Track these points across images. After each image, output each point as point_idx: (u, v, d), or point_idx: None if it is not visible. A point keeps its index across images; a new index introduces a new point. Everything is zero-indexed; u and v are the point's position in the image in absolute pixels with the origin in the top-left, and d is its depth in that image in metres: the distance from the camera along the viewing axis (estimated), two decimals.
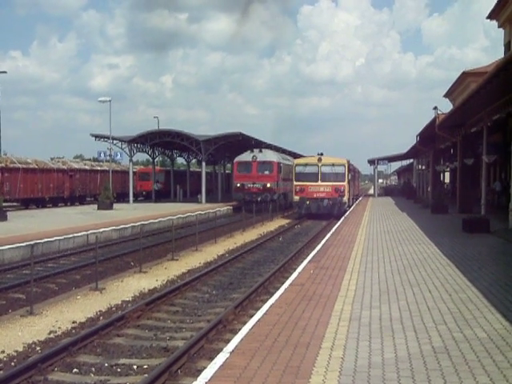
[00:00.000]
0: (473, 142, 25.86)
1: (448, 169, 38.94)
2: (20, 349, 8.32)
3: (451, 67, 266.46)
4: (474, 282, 9.71)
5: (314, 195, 32.55)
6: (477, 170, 28.29)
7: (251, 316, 8.60)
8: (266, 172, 37.55)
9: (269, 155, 38.79)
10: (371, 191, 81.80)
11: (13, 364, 7.63)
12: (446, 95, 44.55)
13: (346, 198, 33.26)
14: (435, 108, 27.82)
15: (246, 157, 38.59)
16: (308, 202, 32.45)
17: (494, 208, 26.76)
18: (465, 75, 36.02)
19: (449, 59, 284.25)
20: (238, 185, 37.60)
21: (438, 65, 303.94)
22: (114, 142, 42.85)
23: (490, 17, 32.18)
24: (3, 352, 8.15)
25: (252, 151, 38.47)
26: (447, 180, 48.70)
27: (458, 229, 18.88)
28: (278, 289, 10.36)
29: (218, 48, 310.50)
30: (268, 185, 37.11)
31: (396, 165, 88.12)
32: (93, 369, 7.47)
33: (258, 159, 37.66)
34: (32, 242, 15.90)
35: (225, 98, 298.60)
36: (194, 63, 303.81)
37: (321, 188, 32.65)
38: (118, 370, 7.47)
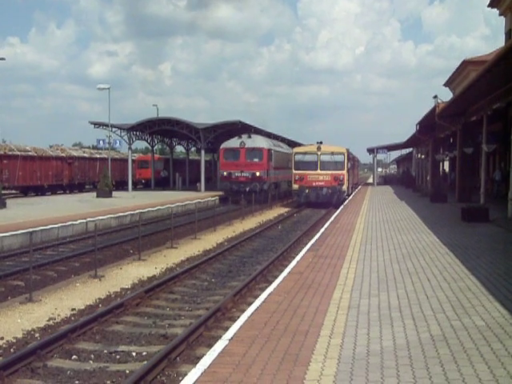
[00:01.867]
0: (473, 131, 25.81)
1: (447, 158, 38.88)
2: (19, 335, 8.34)
3: (451, 56, 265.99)
4: (472, 270, 9.73)
5: (313, 184, 32.55)
6: (476, 159, 28.27)
7: (250, 304, 8.61)
8: (256, 159, 34.76)
9: (258, 141, 35.74)
10: (370, 180, 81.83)
11: (12, 350, 7.65)
12: (446, 84, 44.43)
13: (345, 187, 33.29)
14: (435, 97, 27.68)
15: (233, 143, 35.66)
16: (307, 191, 32.46)
17: (493, 197, 26.77)
18: (465, 64, 35.91)
19: (449, 48, 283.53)
20: (225, 173, 34.97)
21: (437, 53, 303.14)
22: (113, 129, 42.71)
23: (491, 5, 32.02)
24: (2, 339, 8.18)
25: (240, 137, 35.43)
26: (446, 169, 48.64)
27: (457, 218, 18.89)
28: (276, 277, 10.38)
29: (217, 36, 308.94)
30: (257, 173, 34.37)
31: (395, 154, 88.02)
32: (92, 356, 7.50)
33: (246, 145, 34.83)
34: (31, 230, 15.90)
35: (224, 85, 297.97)
36: (193, 51, 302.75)
37: (320, 177, 32.65)
38: (117, 356, 7.50)
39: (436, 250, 12.27)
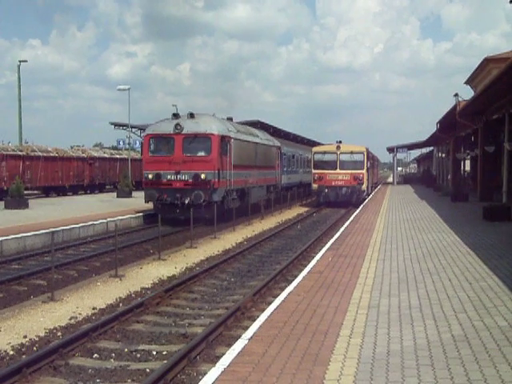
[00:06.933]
0: (494, 129, 25.50)
1: (469, 156, 38.46)
2: (42, 334, 8.44)
3: (470, 54, 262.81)
4: (494, 270, 9.61)
5: (333, 183, 32.48)
6: (498, 158, 27.89)
7: (269, 303, 8.61)
8: (200, 153, 22.02)
9: (204, 123, 22.29)
10: (390, 179, 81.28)
11: (35, 349, 7.75)
12: (467, 82, 43.87)
13: (364, 186, 33.14)
14: (456, 95, 27.47)
15: (164, 127, 22.54)
16: (326, 190, 32.39)
17: None
18: (486, 61, 35.40)
19: (468, 45, 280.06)
20: (150, 176, 22.17)
21: (456, 51, 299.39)
22: (133, 130, 43.15)
23: None
24: (25, 337, 8.28)
25: (176, 116, 22.51)
26: (467, 168, 48.12)
27: (479, 217, 18.68)
28: (296, 276, 10.36)
29: (235, 35, 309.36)
30: (202, 176, 21.54)
31: (415, 153, 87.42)
32: (113, 354, 7.56)
33: (184, 130, 21.92)
34: (53, 230, 16.09)
35: (242, 85, 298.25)
36: (212, 51, 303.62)
37: (339, 176, 32.56)
38: (138, 355, 7.55)
39: (457, 250, 12.15)
